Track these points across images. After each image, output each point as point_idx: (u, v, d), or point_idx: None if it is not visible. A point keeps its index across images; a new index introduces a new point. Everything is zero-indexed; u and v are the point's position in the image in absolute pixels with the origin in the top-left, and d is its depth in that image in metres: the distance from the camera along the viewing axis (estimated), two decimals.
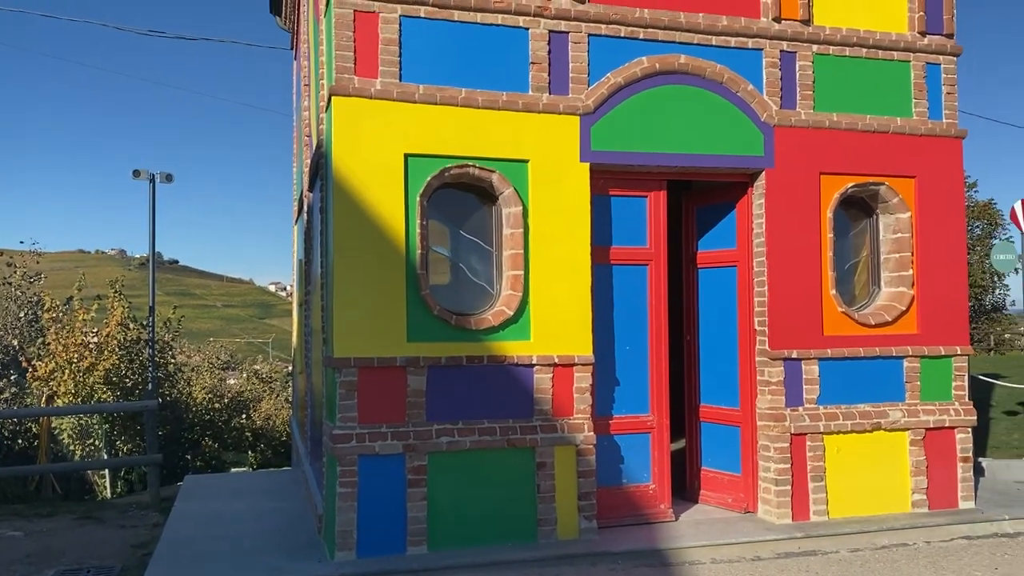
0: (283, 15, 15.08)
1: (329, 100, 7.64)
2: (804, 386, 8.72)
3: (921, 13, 9.19)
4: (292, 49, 15.74)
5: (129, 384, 20.07)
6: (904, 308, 9.07)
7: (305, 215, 11.57)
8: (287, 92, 16.83)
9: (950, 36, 9.36)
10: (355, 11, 7.61)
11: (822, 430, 8.66)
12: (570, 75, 8.24)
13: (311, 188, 10.27)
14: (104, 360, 19.30)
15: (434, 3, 7.81)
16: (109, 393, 19.17)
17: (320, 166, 8.71)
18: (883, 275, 9.32)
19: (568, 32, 8.23)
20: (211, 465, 23.49)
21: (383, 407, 7.52)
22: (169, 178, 19.66)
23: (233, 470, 21.81)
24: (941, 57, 9.34)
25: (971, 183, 43.06)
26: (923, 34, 9.23)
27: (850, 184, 8.95)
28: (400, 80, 7.72)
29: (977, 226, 41.78)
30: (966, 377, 9.35)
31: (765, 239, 8.71)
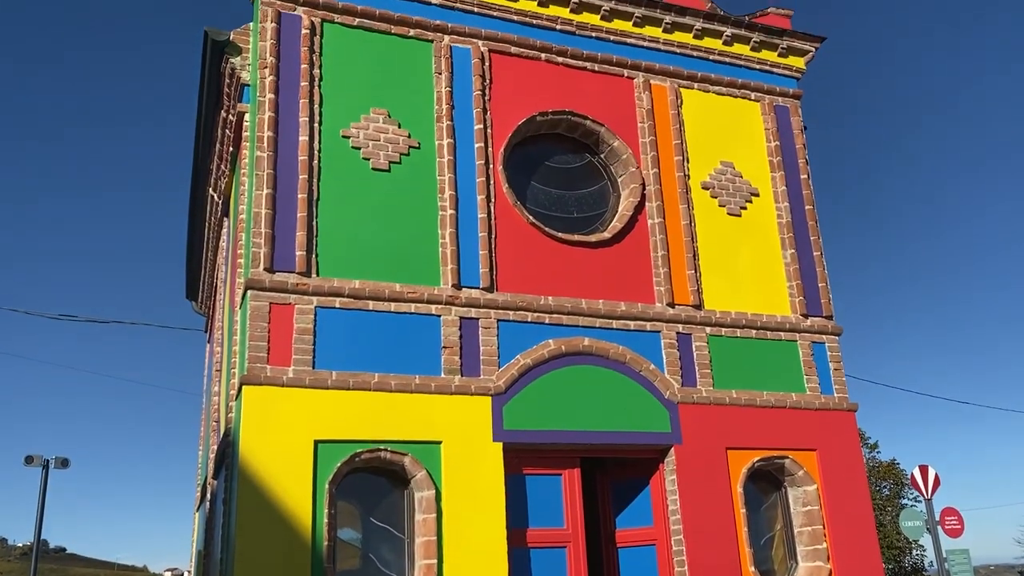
0: (199, 300, 15.39)
1: (240, 389, 7.62)
2: None
3: (801, 298, 10.05)
4: (206, 332, 15.89)
5: None
6: None
7: (208, 503, 11.04)
8: (197, 375, 16.73)
9: (829, 318, 10.19)
10: (271, 303, 7.85)
11: None
12: (481, 358, 8.51)
13: (216, 476, 9.90)
14: None
15: (349, 294, 8.14)
16: None
17: (227, 455, 8.49)
18: (799, 549, 9.31)
19: (479, 318, 8.62)
20: None
21: None
22: (65, 463, 18.65)
23: None
24: (825, 336, 10.10)
25: (872, 444, 44.48)
26: (805, 316, 10.03)
27: (756, 458, 9.19)
28: (313, 367, 7.81)
29: (885, 486, 42.61)
30: None
31: (681, 516, 8.69)
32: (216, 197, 11.94)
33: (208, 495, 11.16)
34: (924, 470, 12.69)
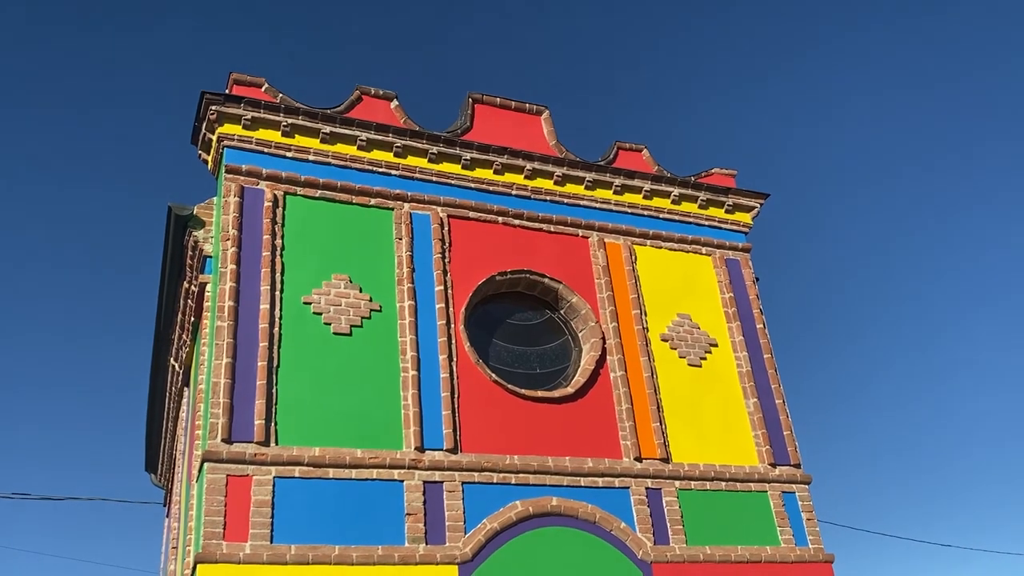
0: (158, 473, 14.93)
1: (194, 568, 7.28)
2: None
3: (768, 447, 10.02)
4: (165, 506, 15.31)
5: None
6: None
7: None
8: (155, 551, 15.98)
9: (797, 466, 10.12)
10: (228, 476, 7.64)
11: None
12: (446, 523, 8.26)
13: None
14: None
15: (309, 463, 7.96)
16: None
17: None
18: None
19: (443, 482, 8.44)
20: None
21: None
22: None
23: None
24: (795, 486, 9.98)
25: None
26: (773, 466, 9.96)
27: None
28: (271, 542, 7.51)
29: None
30: None
31: None
32: (177, 367, 11.84)
33: None
34: None
